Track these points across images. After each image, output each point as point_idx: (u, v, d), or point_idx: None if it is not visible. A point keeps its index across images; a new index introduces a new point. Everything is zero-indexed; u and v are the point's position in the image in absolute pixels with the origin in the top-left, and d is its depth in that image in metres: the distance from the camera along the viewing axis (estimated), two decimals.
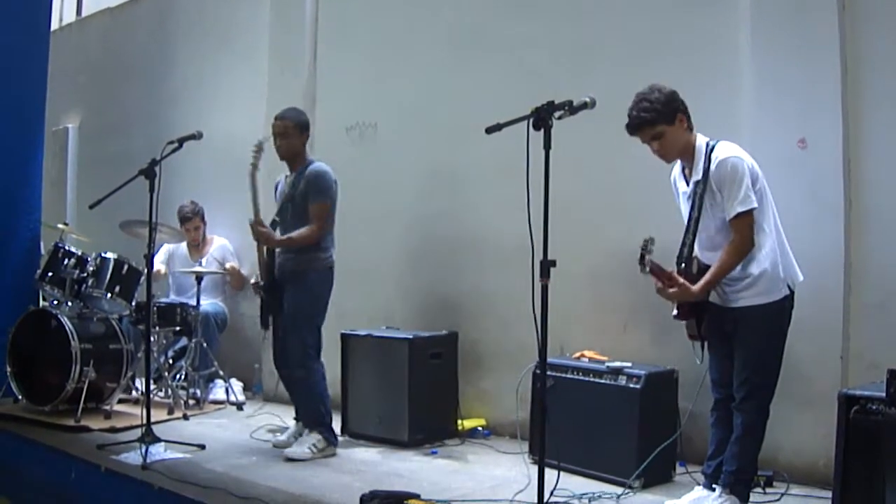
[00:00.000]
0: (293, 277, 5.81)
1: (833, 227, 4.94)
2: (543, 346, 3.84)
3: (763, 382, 4.32)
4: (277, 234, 5.81)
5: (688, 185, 4.45)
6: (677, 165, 4.58)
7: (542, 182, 3.74)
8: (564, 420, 5.01)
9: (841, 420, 3.94)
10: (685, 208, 4.49)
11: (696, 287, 4.26)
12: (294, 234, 5.74)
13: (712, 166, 4.26)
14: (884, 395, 3.77)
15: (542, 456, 3.95)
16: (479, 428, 6.35)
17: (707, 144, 4.37)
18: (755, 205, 4.21)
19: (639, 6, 5.81)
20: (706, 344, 4.54)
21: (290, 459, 5.54)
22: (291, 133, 5.91)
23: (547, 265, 3.78)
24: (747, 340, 4.32)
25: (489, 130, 3.96)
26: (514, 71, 6.32)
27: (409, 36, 7.09)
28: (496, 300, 6.39)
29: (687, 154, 4.40)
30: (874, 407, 3.82)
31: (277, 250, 5.89)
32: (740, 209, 4.17)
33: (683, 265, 4.37)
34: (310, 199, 5.76)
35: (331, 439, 5.79)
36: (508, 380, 5.89)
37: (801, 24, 5.07)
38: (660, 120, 4.29)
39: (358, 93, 7.30)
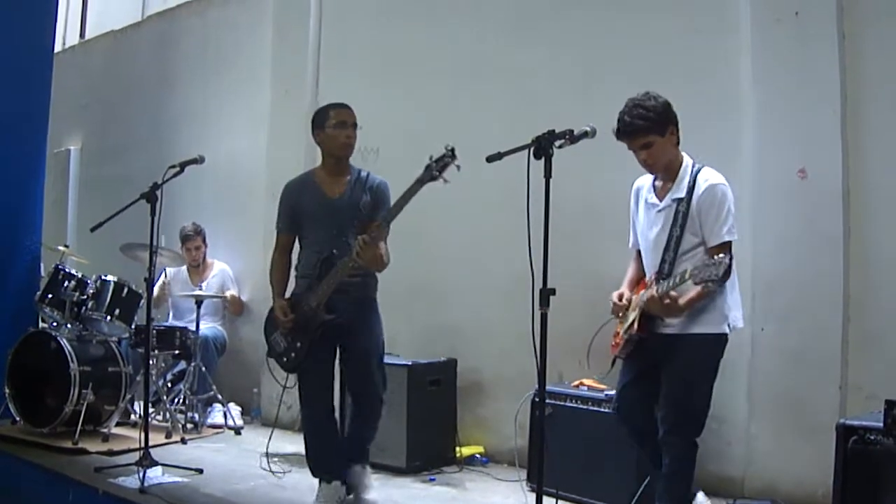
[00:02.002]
0: (365, 305, 5.10)
1: (832, 257, 4.95)
2: (542, 374, 3.82)
3: (694, 416, 4.25)
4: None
5: (658, 198, 4.39)
6: (646, 177, 4.52)
7: (542, 210, 3.75)
8: (563, 448, 5.01)
9: (839, 450, 3.94)
10: (648, 221, 4.43)
11: (682, 301, 4.11)
12: (385, 251, 4.97)
13: (699, 189, 4.20)
14: (882, 425, 3.78)
15: (540, 484, 3.94)
16: (478, 455, 6.33)
17: (693, 165, 4.31)
18: (737, 237, 4.17)
19: (640, 35, 5.85)
20: (628, 376, 4.51)
21: None
22: (356, 125, 5.18)
23: (546, 294, 3.78)
24: (680, 369, 4.22)
25: (490, 159, 3.94)
26: (516, 98, 6.36)
27: (412, 62, 7.14)
28: (496, 327, 6.39)
29: (671, 170, 4.33)
30: (872, 437, 3.83)
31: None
32: (728, 238, 4.11)
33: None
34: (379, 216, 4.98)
35: None
36: (507, 407, 5.89)
37: (801, 54, 5.11)
38: (653, 130, 4.22)
39: (360, 117, 7.29)
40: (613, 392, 5.11)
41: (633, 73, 5.78)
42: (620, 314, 4.48)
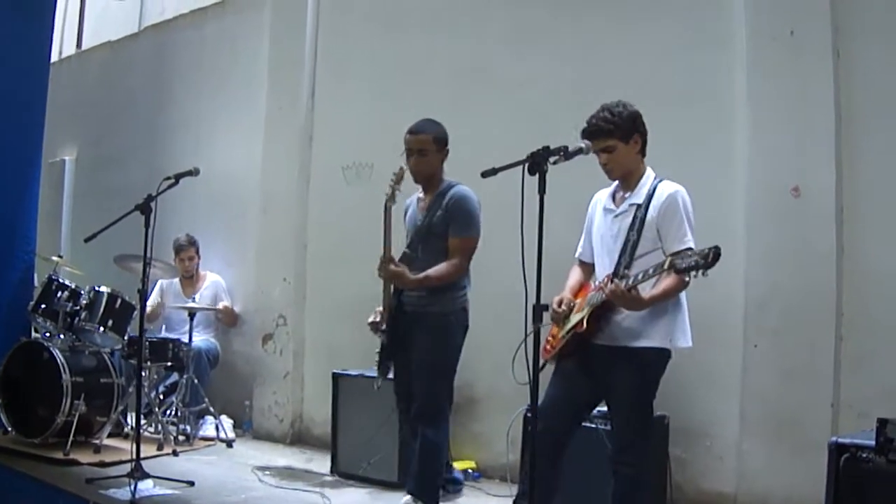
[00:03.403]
0: (427, 320, 5.03)
1: (825, 275, 4.96)
2: (534, 389, 3.81)
3: (644, 431, 4.23)
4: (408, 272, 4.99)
5: (616, 205, 4.35)
6: (606, 190, 4.49)
7: (536, 225, 3.74)
8: None
9: (831, 468, 3.95)
10: (606, 225, 4.37)
11: (647, 295, 4.03)
12: (431, 272, 4.94)
13: (660, 197, 4.18)
14: (873, 443, 3.79)
15: (531, 500, 3.93)
16: (470, 470, 6.32)
17: (654, 178, 4.29)
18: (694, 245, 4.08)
19: (636, 51, 5.87)
20: (561, 379, 4.42)
21: None
22: (430, 150, 5.09)
23: (539, 309, 3.77)
24: (630, 384, 4.17)
25: (485, 174, 3.92)
26: (513, 112, 6.37)
27: (408, 76, 7.14)
28: (489, 343, 6.36)
29: (632, 178, 4.31)
30: (864, 455, 3.84)
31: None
32: (691, 244, 4.03)
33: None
34: (452, 231, 5.00)
35: None
36: (499, 423, 5.88)
37: (796, 72, 5.12)
38: (616, 134, 4.20)
39: (355, 132, 7.34)
40: (605, 408, 5.11)
41: (628, 88, 5.73)
42: (562, 320, 4.39)
